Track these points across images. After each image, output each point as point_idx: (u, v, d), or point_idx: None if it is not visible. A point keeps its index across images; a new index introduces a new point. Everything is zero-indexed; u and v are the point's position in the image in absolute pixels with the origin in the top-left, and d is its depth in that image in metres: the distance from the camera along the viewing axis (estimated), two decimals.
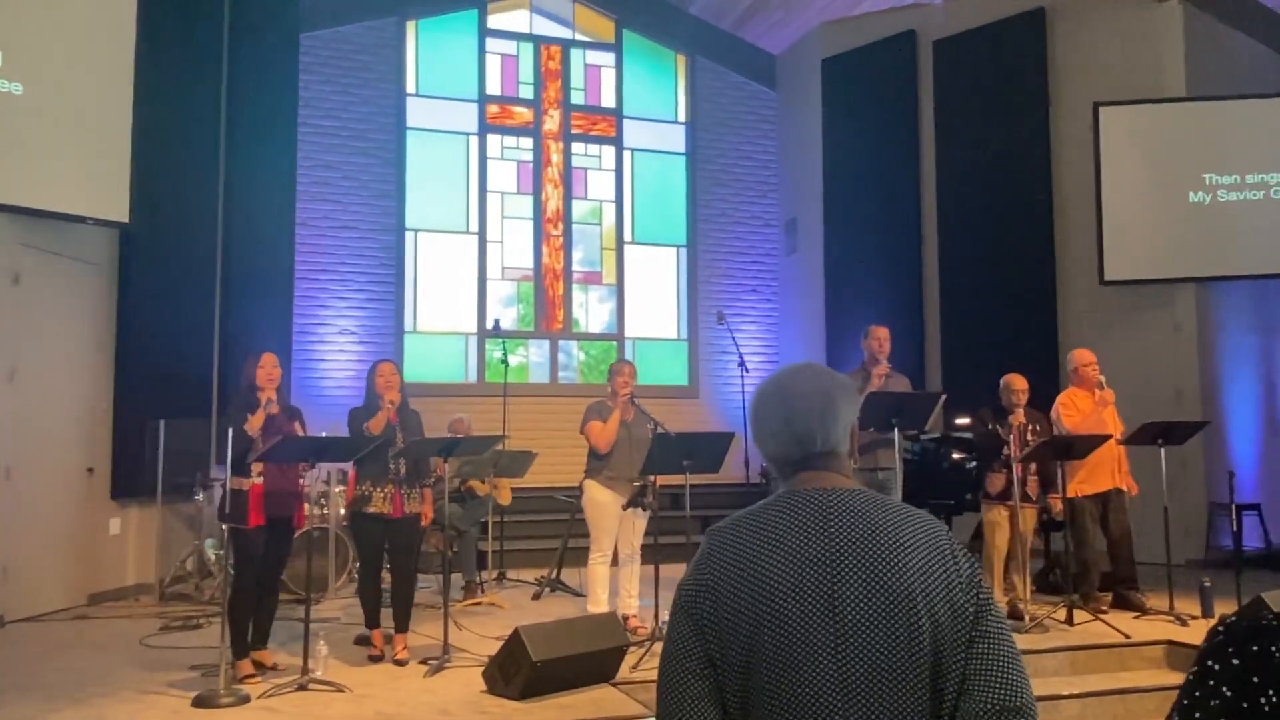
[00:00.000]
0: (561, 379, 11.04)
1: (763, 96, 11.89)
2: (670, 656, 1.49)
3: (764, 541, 1.48)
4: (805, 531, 1.47)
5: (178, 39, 7.69)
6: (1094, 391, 6.51)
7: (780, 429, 1.58)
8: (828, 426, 1.57)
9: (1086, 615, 5.96)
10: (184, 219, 7.79)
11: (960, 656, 1.43)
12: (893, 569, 1.43)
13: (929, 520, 1.53)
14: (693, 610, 1.48)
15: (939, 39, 10.25)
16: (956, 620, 1.44)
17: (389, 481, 5.41)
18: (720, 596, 1.46)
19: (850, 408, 1.61)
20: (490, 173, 10.97)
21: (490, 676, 4.77)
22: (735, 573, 1.46)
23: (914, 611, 1.41)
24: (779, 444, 1.59)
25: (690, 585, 1.50)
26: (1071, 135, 9.25)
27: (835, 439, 1.57)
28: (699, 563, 1.52)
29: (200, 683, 4.86)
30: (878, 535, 1.46)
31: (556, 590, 7.43)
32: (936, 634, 1.42)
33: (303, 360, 9.75)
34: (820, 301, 10.82)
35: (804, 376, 1.63)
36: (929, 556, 1.46)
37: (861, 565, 1.44)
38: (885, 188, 10.46)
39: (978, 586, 1.48)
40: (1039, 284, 9.39)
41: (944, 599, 1.44)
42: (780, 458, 1.60)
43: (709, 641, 1.45)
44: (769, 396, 1.62)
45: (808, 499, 1.51)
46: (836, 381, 1.62)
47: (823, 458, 1.56)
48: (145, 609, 7.01)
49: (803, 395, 1.58)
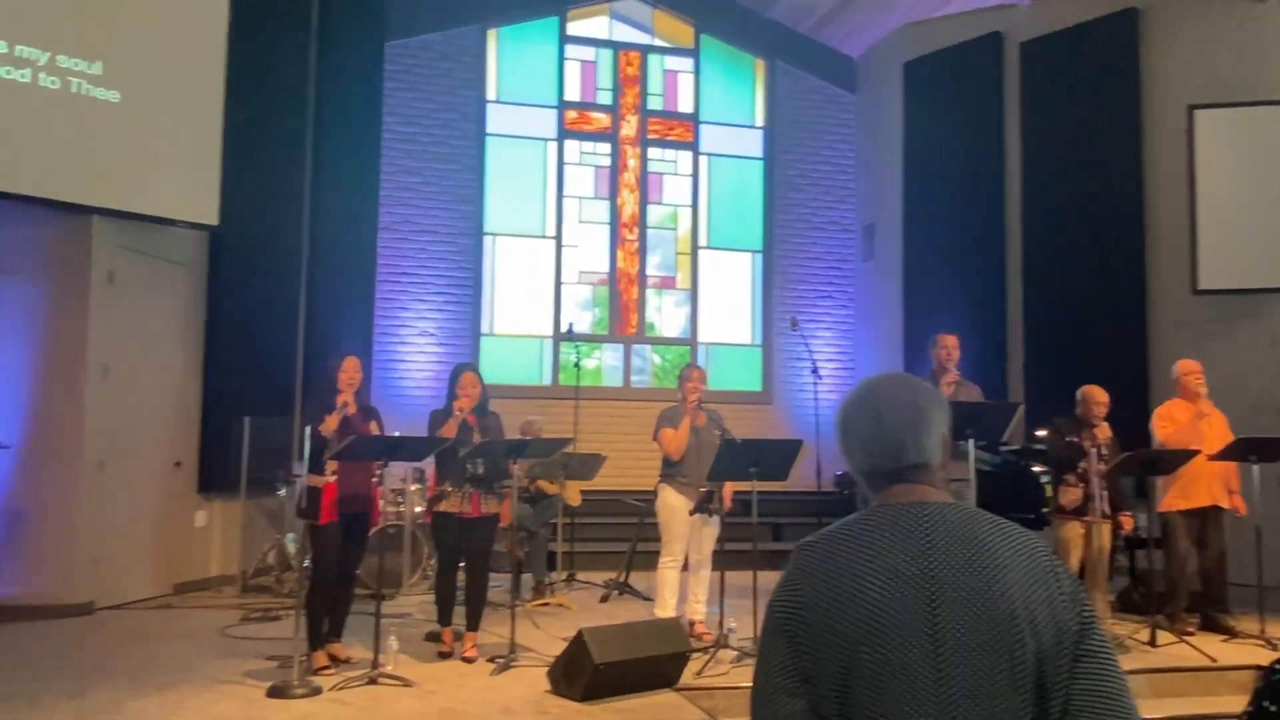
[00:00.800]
0: (634, 383, 11.07)
1: (841, 100, 11.76)
2: (764, 675, 1.45)
3: (860, 557, 1.43)
4: (903, 547, 1.43)
5: (266, 48, 7.94)
6: (1195, 404, 6.25)
7: (871, 440, 1.54)
8: (920, 438, 1.52)
9: (1171, 637, 5.74)
10: (271, 222, 8.03)
11: (1065, 675, 1.38)
12: (994, 585, 1.39)
13: (1027, 535, 1.47)
14: (786, 628, 1.44)
15: (1026, 40, 9.99)
16: (1060, 638, 1.39)
17: (467, 481, 5.49)
18: (815, 614, 1.42)
19: (942, 418, 1.56)
20: (567, 178, 11.08)
21: (554, 677, 4.81)
22: (830, 589, 1.42)
23: (1016, 629, 1.37)
24: (869, 455, 1.54)
25: (783, 602, 1.46)
26: (1165, 139, 8.93)
27: (929, 451, 1.53)
28: (791, 579, 1.48)
29: (276, 673, 5.00)
30: (977, 551, 1.41)
31: (624, 593, 7.45)
32: (1040, 652, 1.37)
33: (383, 361, 9.97)
34: (898, 308, 10.64)
35: (894, 386, 1.58)
36: (1030, 572, 1.41)
37: (962, 582, 1.39)
38: (968, 192, 10.24)
39: (1081, 603, 1.42)
40: (1128, 293, 9.09)
41: (1047, 616, 1.39)
42: (870, 469, 1.55)
43: (804, 660, 1.41)
44: (858, 406, 1.57)
45: (903, 513, 1.47)
46: (927, 392, 1.57)
47: (915, 470, 1.52)
48: (227, 600, 7.25)
49: (894, 406, 1.54)
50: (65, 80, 6.41)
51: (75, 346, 6.64)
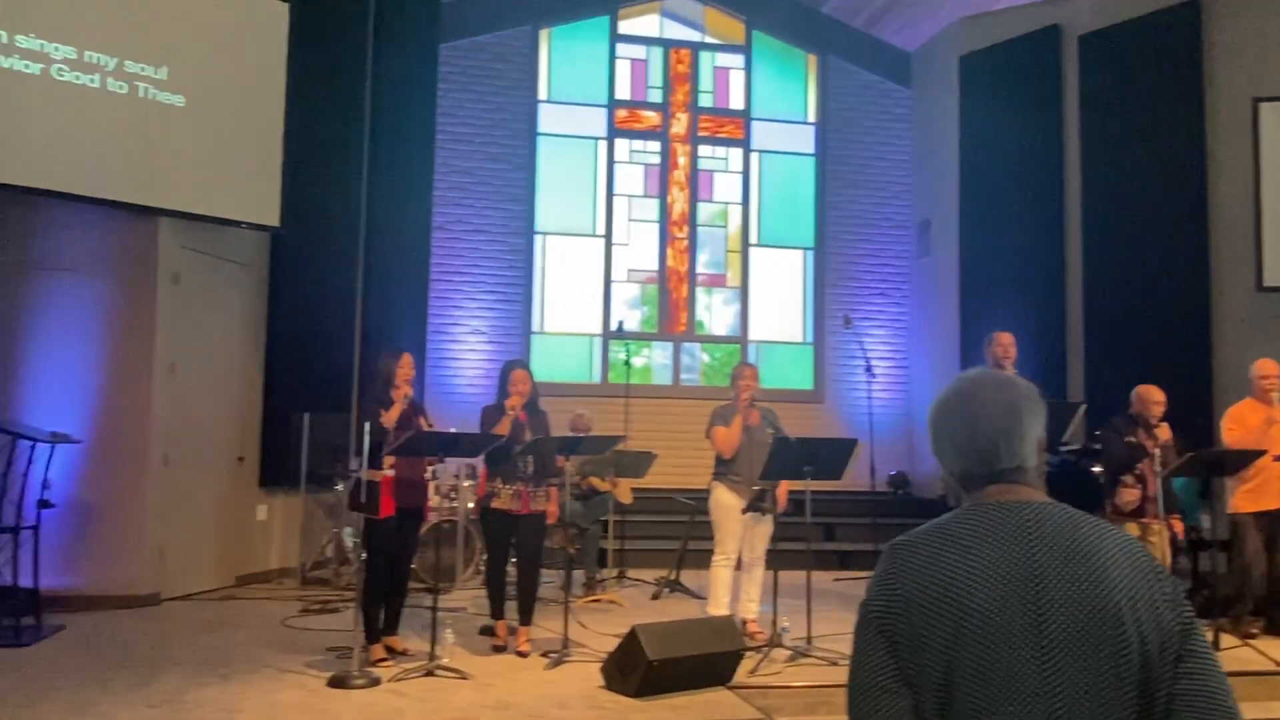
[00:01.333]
0: (684, 381, 11.08)
1: (895, 95, 11.65)
2: (862, 674, 1.44)
3: (959, 556, 1.42)
4: (1003, 546, 1.41)
5: (325, 52, 8.08)
6: (1269, 407, 6.09)
7: (964, 444, 1.52)
8: (1014, 443, 1.50)
9: (1235, 640, 5.62)
10: (329, 223, 8.17)
11: (1168, 676, 1.37)
12: (1098, 586, 1.38)
13: (1127, 536, 1.47)
14: (884, 626, 1.43)
15: (1085, 33, 9.81)
16: (1164, 639, 1.38)
17: (517, 479, 5.55)
18: (914, 610, 1.41)
19: (1038, 421, 1.53)
20: (617, 176, 11.11)
21: (608, 672, 4.85)
22: (929, 588, 1.41)
23: (1121, 630, 1.36)
24: (963, 459, 1.53)
25: (880, 600, 1.45)
26: (1228, 132, 8.72)
27: (1023, 455, 1.51)
28: (885, 577, 1.47)
29: (335, 664, 5.11)
30: (1079, 550, 1.41)
31: (675, 591, 7.47)
32: (1144, 653, 1.36)
33: (436, 359, 10.10)
34: (954, 306, 10.51)
35: (989, 387, 1.55)
36: (1133, 573, 1.41)
37: (1066, 582, 1.38)
38: (1025, 188, 10.08)
39: (1183, 604, 1.42)
40: (1191, 289, 8.88)
41: (1150, 617, 1.38)
42: (964, 473, 1.54)
43: (904, 659, 1.40)
44: (951, 408, 1.56)
45: (1001, 511, 1.46)
46: (1023, 393, 1.54)
47: (1011, 473, 1.50)
48: (288, 592, 7.40)
49: (987, 409, 1.52)
50: (133, 85, 6.59)
51: (142, 344, 6.83)
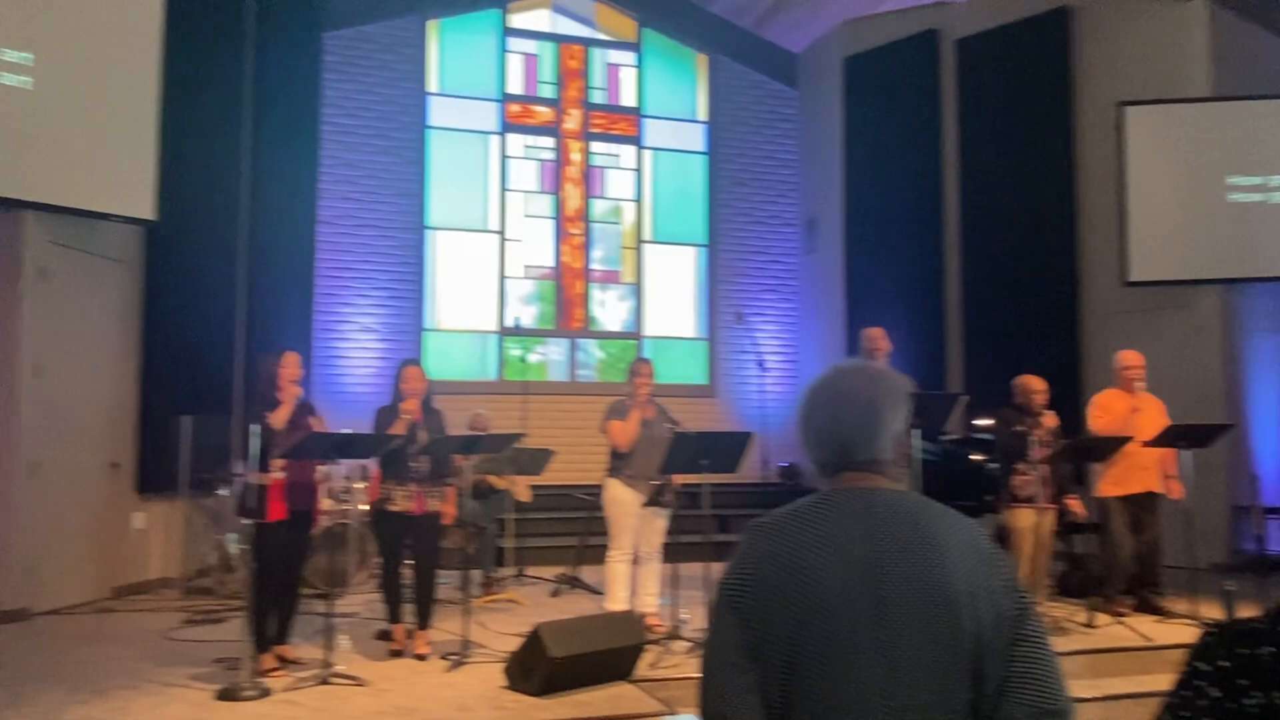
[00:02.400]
0: (580, 377, 11.07)
1: (783, 95, 11.88)
2: (713, 649, 1.49)
3: (810, 538, 1.48)
4: (851, 530, 1.48)
5: (203, 39, 7.77)
6: (1132, 395, 6.43)
7: (825, 434, 1.58)
8: (871, 438, 1.56)
9: (1107, 618, 5.93)
10: (209, 217, 7.86)
11: (1001, 658, 1.43)
12: (938, 570, 1.44)
13: (971, 524, 1.53)
14: (736, 604, 1.48)
15: (961, 38, 10.21)
16: (999, 623, 1.44)
17: (411, 480, 5.45)
18: (765, 591, 1.46)
19: (898, 417, 1.59)
20: (511, 172, 11.02)
21: (510, 672, 4.81)
22: (780, 568, 1.46)
23: (957, 613, 1.42)
24: (822, 450, 1.59)
25: (734, 579, 1.50)
26: (1096, 135, 9.19)
27: (878, 449, 1.56)
28: (740, 558, 1.52)
29: (223, 676, 4.91)
30: (922, 535, 1.47)
31: (575, 588, 7.46)
32: (979, 635, 1.42)
33: (324, 357, 9.82)
34: (840, 301, 10.79)
35: (854, 382, 1.60)
36: (972, 559, 1.47)
37: (907, 565, 1.44)
38: (907, 187, 10.43)
39: (1018, 590, 1.48)
40: (1062, 285, 9.34)
41: (987, 600, 1.44)
42: (823, 461, 1.60)
43: (752, 635, 1.45)
44: (817, 399, 1.61)
45: (853, 497, 1.52)
46: (887, 389, 1.60)
47: (866, 463, 1.56)
48: (168, 603, 7.09)
49: (849, 403, 1.57)
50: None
51: (6, 345, 6.44)
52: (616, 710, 4.48)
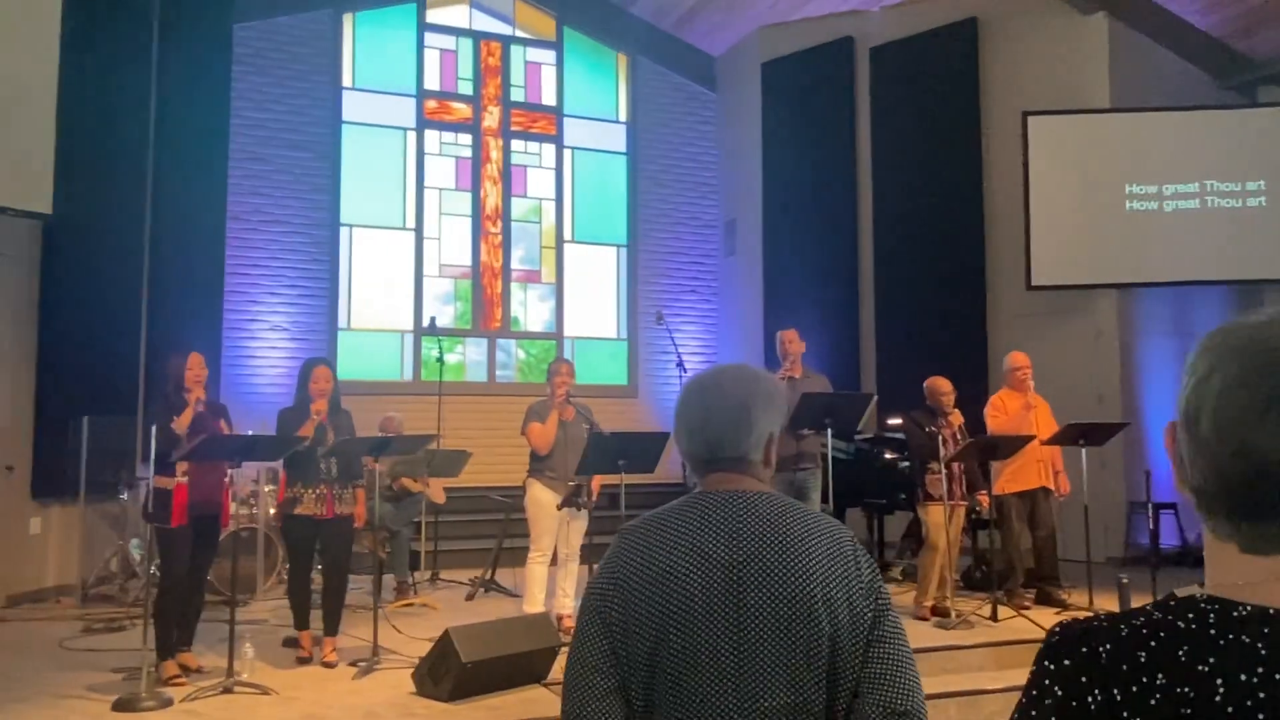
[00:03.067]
0: (500, 378, 10.98)
1: (703, 98, 11.96)
2: (576, 654, 1.50)
3: (672, 542, 1.50)
4: (712, 533, 1.49)
5: (105, 26, 7.50)
6: (1024, 395, 6.66)
7: (695, 431, 1.60)
8: (739, 436, 1.58)
9: (1010, 611, 6.11)
10: (110, 211, 7.59)
11: (857, 659, 1.46)
12: (795, 572, 1.46)
13: (833, 525, 1.56)
14: (600, 608, 1.49)
15: (875, 45, 10.41)
16: (855, 624, 1.46)
17: (320, 482, 5.34)
18: (628, 595, 1.47)
19: (769, 418, 1.61)
20: (428, 169, 10.88)
21: (420, 678, 4.75)
22: (643, 572, 1.48)
23: (814, 614, 1.44)
24: (692, 444, 1.61)
25: (599, 584, 1.52)
26: (1002, 143, 9.47)
27: (745, 448, 1.59)
28: (608, 561, 1.54)
29: (123, 686, 4.76)
30: (783, 539, 1.49)
31: (491, 591, 7.40)
32: (835, 637, 1.45)
33: (233, 357, 9.57)
34: (759, 302, 10.92)
35: (727, 380, 1.62)
36: (831, 560, 1.49)
37: (765, 567, 1.46)
38: (823, 191, 10.60)
39: (877, 591, 1.51)
40: (970, 288, 9.61)
41: (844, 603, 1.46)
42: (692, 456, 1.62)
43: (615, 639, 1.47)
44: (691, 396, 1.63)
45: (716, 500, 1.54)
46: (760, 390, 1.62)
47: (732, 462, 1.59)
48: (66, 611, 6.83)
49: (721, 401, 1.59)
50: None
51: None
52: (529, 714, 4.46)
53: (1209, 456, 0.86)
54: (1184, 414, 0.89)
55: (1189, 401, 0.89)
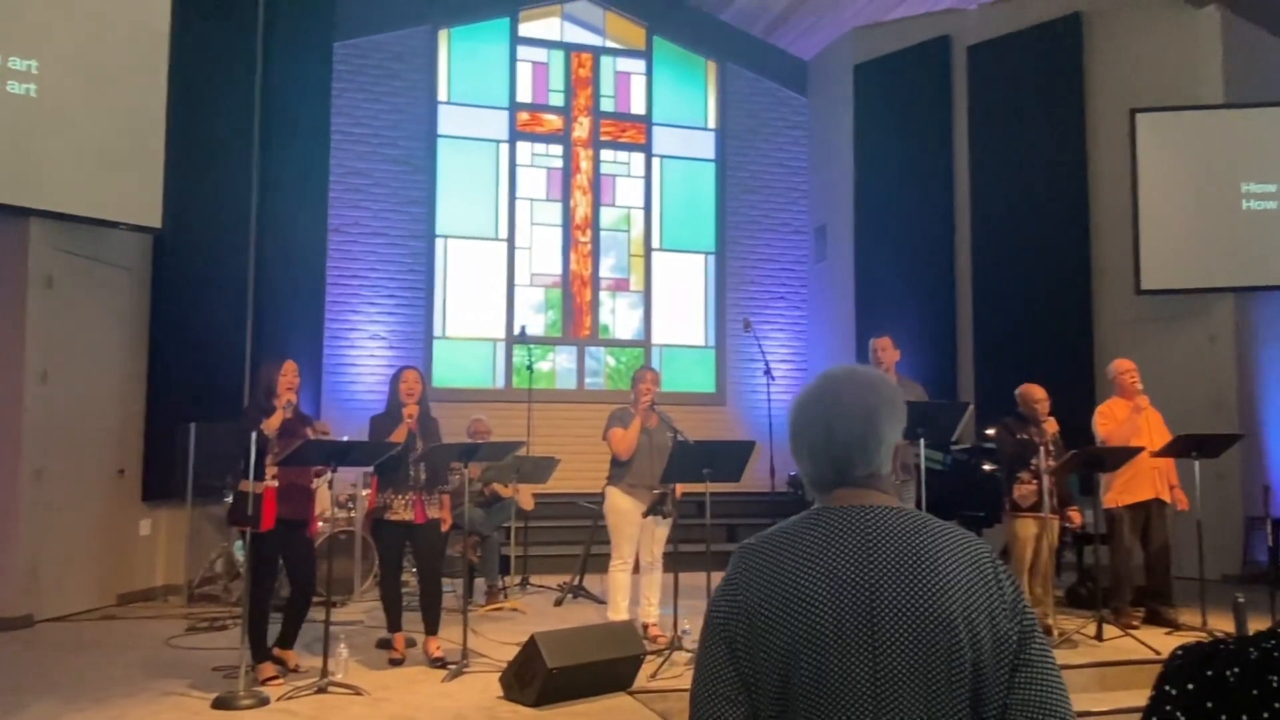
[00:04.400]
0: (589, 385, 11.04)
1: (793, 103, 11.84)
2: (703, 680, 1.42)
3: (800, 561, 1.41)
4: (843, 551, 1.41)
5: (212, 46, 7.81)
6: (1132, 400, 6.39)
7: (819, 449, 1.50)
8: (869, 451, 1.48)
9: (1117, 631, 5.84)
10: (217, 224, 7.91)
11: (1003, 683, 1.37)
12: (933, 592, 1.37)
13: (972, 541, 1.46)
14: (725, 632, 1.42)
15: (973, 44, 10.14)
16: (999, 646, 1.38)
17: (410, 488, 5.43)
18: (755, 618, 1.40)
19: (895, 427, 1.51)
20: (520, 179, 11.02)
21: (506, 682, 4.77)
22: (770, 593, 1.40)
23: (954, 636, 1.36)
24: (815, 465, 1.51)
25: (722, 606, 1.44)
26: (1108, 142, 9.11)
27: (876, 464, 1.49)
28: (730, 582, 1.46)
29: (222, 684, 4.90)
30: (918, 556, 1.40)
31: (579, 597, 7.42)
32: (978, 659, 1.36)
33: (334, 365, 9.84)
34: (850, 309, 10.73)
35: (850, 390, 1.51)
36: (971, 579, 1.40)
37: (901, 588, 1.38)
38: (918, 195, 10.36)
39: (1022, 611, 1.41)
40: (1075, 292, 9.26)
41: (987, 624, 1.38)
42: (814, 478, 1.52)
43: (742, 664, 1.40)
44: (809, 410, 1.52)
45: (846, 516, 1.45)
46: (884, 396, 1.51)
47: (863, 479, 1.49)
48: (173, 610, 7.09)
49: (845, 414, 1.49)
50: (2, 80, 6.24)
51: (11, 352, 6.46)
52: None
53: None
54: None
55: None
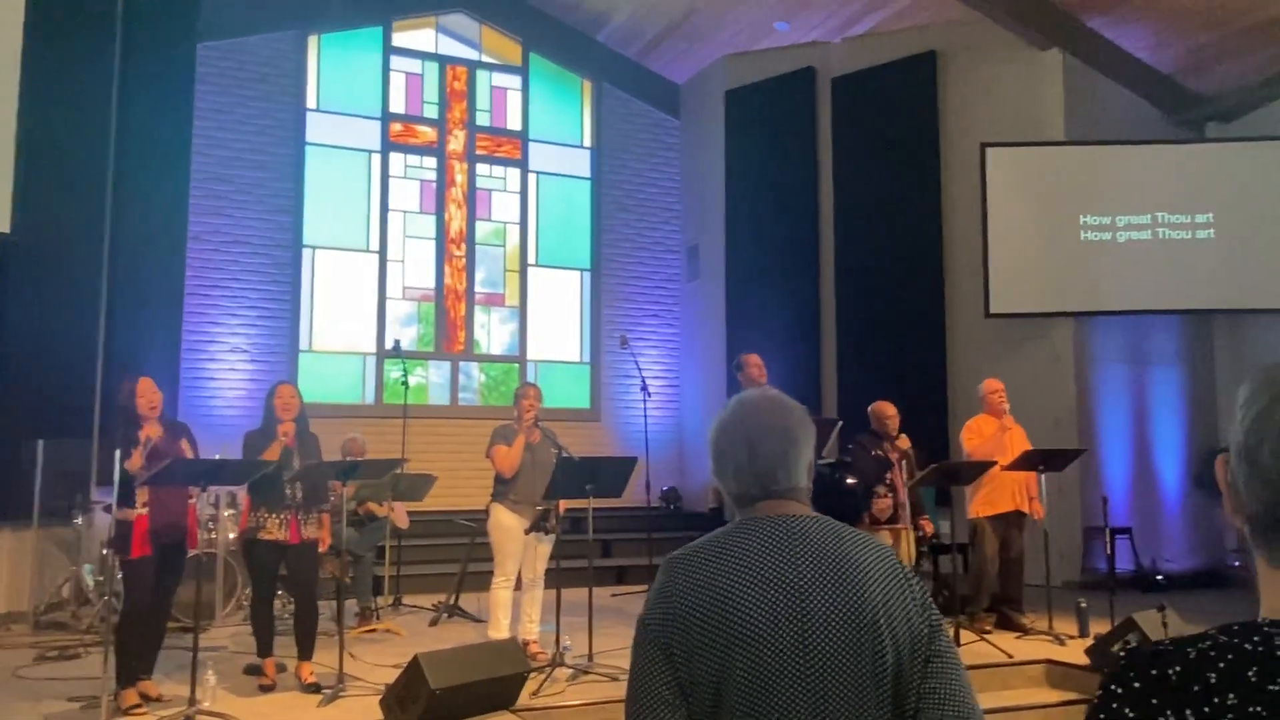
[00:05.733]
0: (462, 400, 10.94)
1: (667, 125, 12.08)
2: (640, 687, 1.47)
3: (730, 567, 1.48)
4: (772, 557, 1.49)
5: (66, 44, 7.41)
6: (999, 419, 6.76)
7: (743, 467, 1.58)
8: (790, 466, 1.58)
9: (972, 635, 6.18)
10: (68, 230, 7.49)
11: (917, 676, 1.47)
12: (857, 593, 1.47)
13: (883, 546, 1.57)
14: (661, 640, 1.47)
15: (837, 76, 10.59)
16: (914, 642, 1.48)
17: (285, 507, 5.28)
18: (689, 625, 1.46)
19: (809, 442, 1.61)
20: (392, 191, 10.85)
21: (387, 705, 4.69)
22: (702, 599, 1.47)
23: (879, 637, 1.45)
24: (740, 482, 1.59)
25: (656, 615, 1.50)
26: (960, 173, 9.66)
27: (797, 478, 1.59)
28: (662, 591, 1.52)
29: (80, 715, 4.65)
30: (841, 560, 1.49)
31: (454, 616, 7.33)
32: (898, 656, 1.46)
33: (191, 378, 9.43)
34: (721, 327, 11.00)
35: (767, 411, 1.61)
36: (888, 580, 1.50)
37: (828, 589, 1.47)
38: (785, 217, 10.73)
39: (929, 608, 1.53)
40: (929, 314, 9.76)
41: (903, 621, 1.48)
42: (739, 494, 1.60)
43: (679, 670, 1.45)
44: (732, 432, 1.61)
45: (771, 525, 1.53)
46: (797, 416, 1.62)
47: (785, 492, 1.58)
48: (18, 638, 6.64)
49: (765, 434, 1.58)
50: None
51: None
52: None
53: (1270, 487, 0.90)
54: (1242, 445, 0.92)
55: (1249, 433, 0.92)
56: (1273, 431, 0.90)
